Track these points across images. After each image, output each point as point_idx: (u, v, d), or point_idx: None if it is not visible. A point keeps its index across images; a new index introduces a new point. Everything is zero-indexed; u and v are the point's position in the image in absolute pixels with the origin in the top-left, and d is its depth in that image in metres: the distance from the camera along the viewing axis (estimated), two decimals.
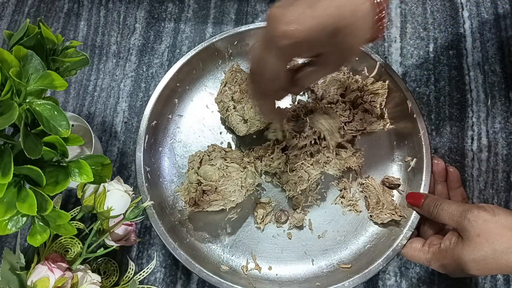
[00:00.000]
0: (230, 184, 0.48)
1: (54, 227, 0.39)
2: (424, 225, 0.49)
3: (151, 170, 0.52)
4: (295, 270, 0.50)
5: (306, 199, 0.53)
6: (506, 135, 0.57)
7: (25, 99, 0.35)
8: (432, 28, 0.64)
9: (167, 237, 0.48)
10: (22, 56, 0.35)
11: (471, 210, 0.41)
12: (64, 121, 0.36)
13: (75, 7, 0.67)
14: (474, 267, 0.39)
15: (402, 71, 0.61)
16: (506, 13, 0.64)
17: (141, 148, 0.52)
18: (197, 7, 0.66)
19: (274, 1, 0.66)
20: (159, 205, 0.50)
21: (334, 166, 0.52)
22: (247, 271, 0.50)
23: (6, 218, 0.36)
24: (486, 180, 0.56)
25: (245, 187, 0.49)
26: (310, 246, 0.51)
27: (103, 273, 0.51)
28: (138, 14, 0.66)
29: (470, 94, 0.60)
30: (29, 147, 0.33)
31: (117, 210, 0.45)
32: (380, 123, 0.54)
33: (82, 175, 0.38)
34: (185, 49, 0.63)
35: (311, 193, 0.53)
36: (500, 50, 0.62)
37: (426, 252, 0.44)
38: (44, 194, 0.36)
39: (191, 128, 0.57)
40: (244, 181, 0.49)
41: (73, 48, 0.42)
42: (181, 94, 0.57)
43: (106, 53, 0.64)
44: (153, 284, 0.52)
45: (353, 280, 0.46)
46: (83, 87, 0.62)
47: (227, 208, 0.50)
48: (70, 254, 0.49)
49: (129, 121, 0.60)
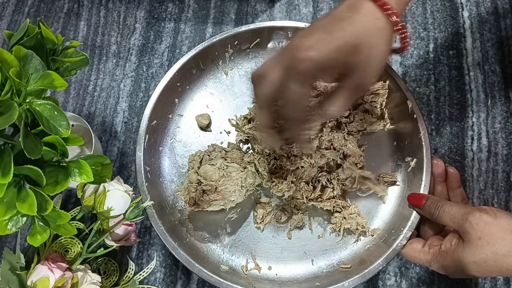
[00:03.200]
0: (230, 184, 0.48)
1: (54, 227, 0.39)
2: (424, 226, 0.49)
3: (151, 169, 0.52)
4: (295, 270, 0.50)
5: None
6: (506, 135, 0.57)
7: (25, 99, 0.35)
8: (432, 28, 0.64)
9: (167, 237, 0.48)
10: (22, 56, 0.35)
11: (472, 213, 0.41)
12: (64, 121, 0.36)
13: (75, 7, 0.67)
14: (474, 269, 0.39)
15: (402, 71, 0.61)
16: (506, 13, 0.64)
17: (141, 148, 0.52)
18: (197, 7, 0.66)
19: (274, 1, 0.66)
20: (159, 205, 0.50)
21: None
22: (247, 271, 0.50)
23: (6, 218, 0.36)
24: (486, 180, 0.56)
25: (245, 187, 0.49)
26: (310, 246, 0.51)
27: (103, 273, 0.51)
28: (138, 14, 0.66)
29: (470, 94, 0.60)
30: (29, 147, 0.33)
31: (117, 210, 0.45)
32: (380, 123, 0.54)
33: (82, 175, 0.38)
34: (185, 49, 0.63)
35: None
36: (500, 50, 0.61)
37: (426, 253, 0.44)
38: (44, 194, 0.36)
39: (191, 128, 0.57)
40: (244, 181, 0.49)
41: (73, 48, 0.42)
42: (181, 93, 0.57)
43: (106, 53, 0.64)
44: (153, 284, 0.52)
45: (353, 280, 0.46)
46: (83, 87, 0.62)
47: (227, 208, 0.50)
48: (70, 254, 0.49)
49: (129, 121, 0.60)
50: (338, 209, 0.51)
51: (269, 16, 0.65)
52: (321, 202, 0.51)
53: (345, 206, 0.51)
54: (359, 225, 0.50)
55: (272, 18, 0.65)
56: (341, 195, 0.52)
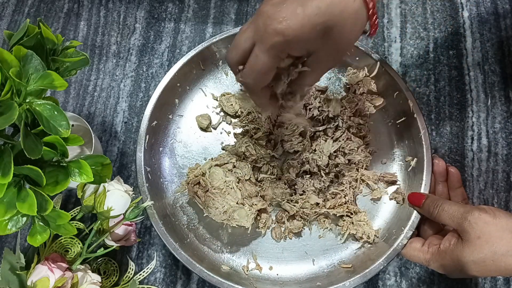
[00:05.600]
0: (222, 199, 0.48)
1: (54, 227, 0.39)
2: (424, 225, 0.49)
3: (151, 170, 0.52)
4: (296, 270, 0.50)
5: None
6: (506, 135, 0.57)
7: (25, 99, 0.35)
8: (432, 28, 0.64)
9: (168, 237, 0.47)
10: (22, 56, 0.35)
11: (472, 212, 0.41)
12: (64, 121, 0.36)
13: (75, 7, 0.67)
14: (473, 268, 0.40)
15: (402, 71, 0.61)
16: (506, 13, 0.64)
17: (142, 148, 0.51)
18: (197, 7, 0.66)
19: None
20: (159, 205, 0.50)
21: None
22: (248, 271, 0.50)
23: (6, 218, 0.36)
24: (486, 180, 0.56)
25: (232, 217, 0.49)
26: (310, 246, 0.51)
27: (103, 273, 0.51)
28: (138, 14, 0.66)
29: (470, 94, 0.60)
30: (29, 147, 0.33)
31: (117, 210, 0.45)
32: (375, 100, 0.55)
33: (82, 175, 0.38)
34: (185, 49, 0.63)
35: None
36: (500, 50, 0.62)
37: (425, 252, 0.44)
38: (44, 194, 0.36)
39: (192, 128, 0.57)
40: (233, 212, 0.48)
41: (73, 48, 0.42)
42: (182, 94, 0.57)
43: (106, 53, 0.64)
44: (153, 284, 0.52)
45: (354, 280, 0.46)
46: (83, 87, 0.62)
47: (229, 223, 0.49)
48: (70, 254, 0.49)
49: (129, 121, 0.60)
50: (348, 214, 0.51)
51: None
52: (334, 208, 0.51)
53: (356, 212, 0.51)
54: (364, 234, 0.50)
55: None
56: (353, 200, 0.52)
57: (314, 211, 0.51)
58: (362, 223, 0.50)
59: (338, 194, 0.51)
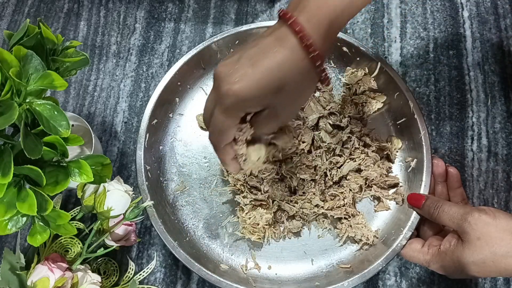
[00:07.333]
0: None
1: (54, 227, 0.39)
2: (423, 226, 0.49)
3: (151, 168, 0.52)
4: (295, 270, 0.50)
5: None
6: (506, 135, 0.57)
7: (25, 99, 0.35)
8: (432, 28, 0.63)
9: (167, 236, 0.48)
10: (22, 56, 0.35)
11: (472, 213, 0.41)
12: (64, 121, 0.36)
13: (75, 7, 0.67)
14: (473, 269, 0.40)
15: (402, 71, 0.61)
16: (506, 13, 0.64)
17: (142, 147, 0.52)
18: (197, 7, 0.66)
19: (274, 1, 0.66)
20: (159, 204, 0.50)
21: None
22: (247, 270, 0.50)
23: (6, 218, 0.36)
24: (486, 180, 0.56)
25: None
26: (309, 245, 0.51)
27: (103, 273, 0.51)
28: (138, 14, 0.66)
29: (470, 94, 0.60)
30: (29, 147, 0.34)
31: (117, 210, 0.45)
32: (376, 99, 0.55)
33: (82, 175, 0.38)
34: (185, 49, 0.63)
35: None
36: (500, 50, 0.61)
37: (425, 253, 0.44)
38: (44, 194, 0.36)
39: (192, 127, 0.57)
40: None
41: (73, 48, 0.42)
42: (182, 93, 0.57)
43: (106, 53, 0.64)
44: (153, 284, 0.52)
45: (353, 280, 0.46)
46: (83, 87, 0.62)
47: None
48: (70, 254, 0.49)
49: (129, 121, 0.60)
50: (346, 216, 0.51)
51: (269, 16, 0.65)
52: (332, 210, 0.51)
53: (354, 214, 0.51)
54: (363, 237, 0.50)
55: (272, 18, 0.65)
56: (352, 203, 0.52)
57: (313, 211, 0.51)
58: (360, 226, 0.50)
59: (337, 196, 0.51)
